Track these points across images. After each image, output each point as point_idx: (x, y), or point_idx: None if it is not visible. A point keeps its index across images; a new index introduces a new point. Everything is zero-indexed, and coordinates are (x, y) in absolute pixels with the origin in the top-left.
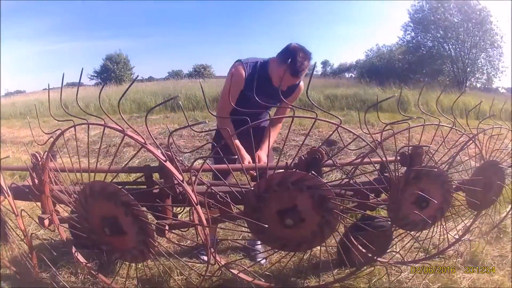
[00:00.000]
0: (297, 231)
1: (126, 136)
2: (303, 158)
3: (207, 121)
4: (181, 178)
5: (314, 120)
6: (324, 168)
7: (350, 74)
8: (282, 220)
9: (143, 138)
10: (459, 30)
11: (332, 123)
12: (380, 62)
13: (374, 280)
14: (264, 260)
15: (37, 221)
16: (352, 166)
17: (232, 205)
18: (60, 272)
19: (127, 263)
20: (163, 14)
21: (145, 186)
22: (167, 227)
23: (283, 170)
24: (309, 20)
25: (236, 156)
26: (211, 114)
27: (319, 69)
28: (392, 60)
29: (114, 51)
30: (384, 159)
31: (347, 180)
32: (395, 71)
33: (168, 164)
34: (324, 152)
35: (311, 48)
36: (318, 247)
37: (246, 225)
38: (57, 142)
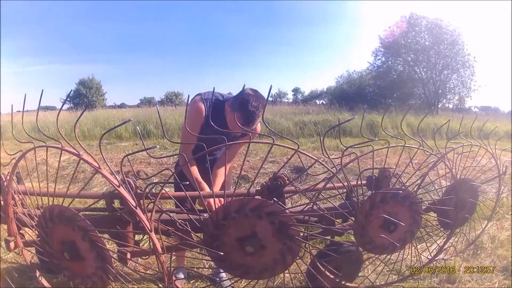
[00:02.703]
0: (258, 258)
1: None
2: (265, 184)
3: (157, 146)
4: (134, 203)
5: (271, 145)
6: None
7: (321, 101)
8: (242, 247)
9: (97, 163)
10: (430, 52)
11: (290, 148)
12: (351, 88)
13: None
14: None
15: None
16: (316, 192)
17: (192, 233)
18: None
19: None
20: (137, 40)
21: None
22: (129, 255)
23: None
24: (280, 48)
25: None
26: (170, 141)
27: (290, 96)
28: (363, 85)
29: (87, 76)
30: (346, 183)
31: (310, 206)
32: (365, 97)
33: (121, 189)
34: (286, 178)
35: (282, 77)
36: (286, 274)
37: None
38: (27, 165)
